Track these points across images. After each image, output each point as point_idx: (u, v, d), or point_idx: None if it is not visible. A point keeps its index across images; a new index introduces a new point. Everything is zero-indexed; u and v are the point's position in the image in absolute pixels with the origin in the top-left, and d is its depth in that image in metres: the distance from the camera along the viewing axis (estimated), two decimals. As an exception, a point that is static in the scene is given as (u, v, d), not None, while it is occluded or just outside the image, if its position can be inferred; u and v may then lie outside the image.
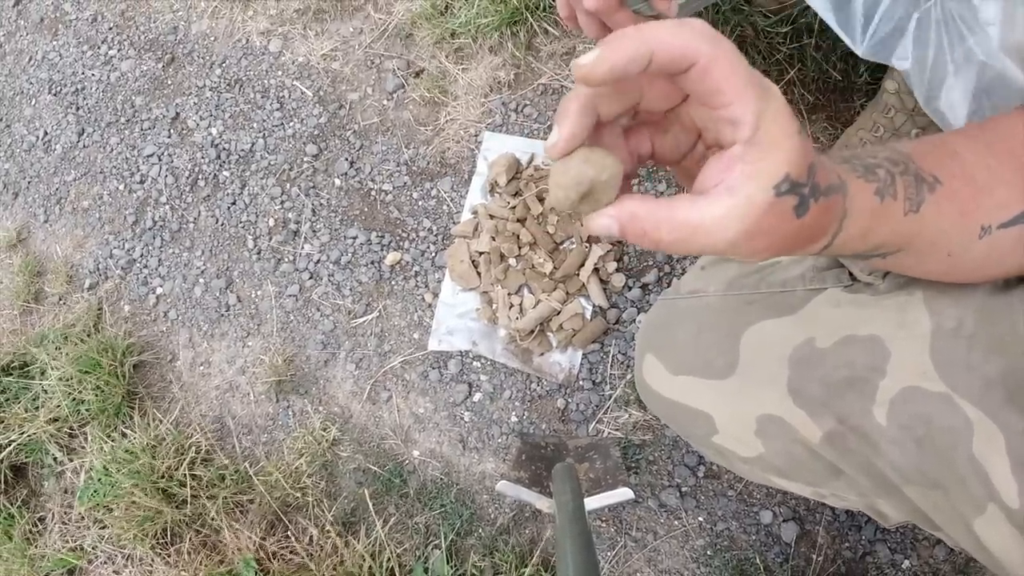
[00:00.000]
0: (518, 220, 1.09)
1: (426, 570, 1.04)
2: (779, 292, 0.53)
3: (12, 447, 1.27)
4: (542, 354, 1.06)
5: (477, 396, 1.10)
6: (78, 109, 1.53)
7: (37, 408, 1.29)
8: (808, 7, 0.97)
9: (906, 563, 0.90)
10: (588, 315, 1.05)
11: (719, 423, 0.54)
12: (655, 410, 0.62)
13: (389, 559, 1.05)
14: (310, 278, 1.24)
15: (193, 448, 1.19)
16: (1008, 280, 0.45)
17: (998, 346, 0.42)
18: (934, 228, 0.38)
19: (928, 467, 0.44)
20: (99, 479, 1.18)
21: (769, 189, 0.29)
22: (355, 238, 1.22)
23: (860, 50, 0.56)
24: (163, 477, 1.15)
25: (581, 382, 1.04)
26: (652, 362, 0.58)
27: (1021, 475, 0.40)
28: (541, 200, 1.09)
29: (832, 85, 1.01)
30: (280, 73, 1.37)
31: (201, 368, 1.28)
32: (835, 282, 0.51)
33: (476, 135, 1.19)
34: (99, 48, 1.56)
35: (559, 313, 1.04)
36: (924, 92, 0.54)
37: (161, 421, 1.24)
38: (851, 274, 0.51)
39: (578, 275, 1.05)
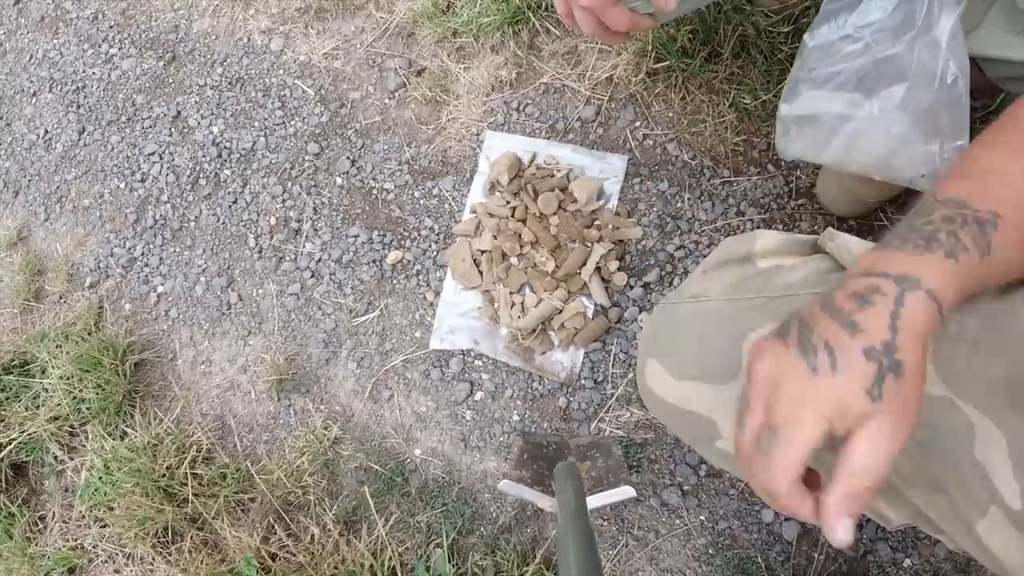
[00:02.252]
0: (520, 219, 1.09)
1: (428, 569, 1.04)
2: (782, 296, 0.53)
3: (13, 445, 1.27)
4: (544, 353, 1.06)
5: (479, 395, 1.10)
6: (79, 107, 1.53)
7: (38, 407, 1.28)
8: (810, 6, 0.98)
9: (907, 561, 0.90)
10: (590, 314, 1.05)
11: (722, 428, 0.54)
12: (658, 415, 0.61)
13: (391, 558, 1.05)
14: (311, 277, 1.24)
15: (194, 447, 1.19)
16: (1010, 282, 0.45)
17: (1001, 349, 0.42)
18: (1003, 257, 0.40)
19: (931, 471, 0.44)
20: (100, 478, 1.17)
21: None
22: (357, 237, 1.22)
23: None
24: (164, 476, 1.15)
25: (583, 381, 1.04)
26: (654, 367, 0.58)
27: (1023, 477, 0.40)
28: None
29: (834, 84, 1.01)
30: (282, 72, 1.37)
31: (202, 367, 1.28)
32: None
33: (478, 134, 1.19)
34: (100, 46, 1.56)
35: (561, 312, 1.05)
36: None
37: (162, 420, 1.24)
38: None
39: (580, 274, 1.05)
